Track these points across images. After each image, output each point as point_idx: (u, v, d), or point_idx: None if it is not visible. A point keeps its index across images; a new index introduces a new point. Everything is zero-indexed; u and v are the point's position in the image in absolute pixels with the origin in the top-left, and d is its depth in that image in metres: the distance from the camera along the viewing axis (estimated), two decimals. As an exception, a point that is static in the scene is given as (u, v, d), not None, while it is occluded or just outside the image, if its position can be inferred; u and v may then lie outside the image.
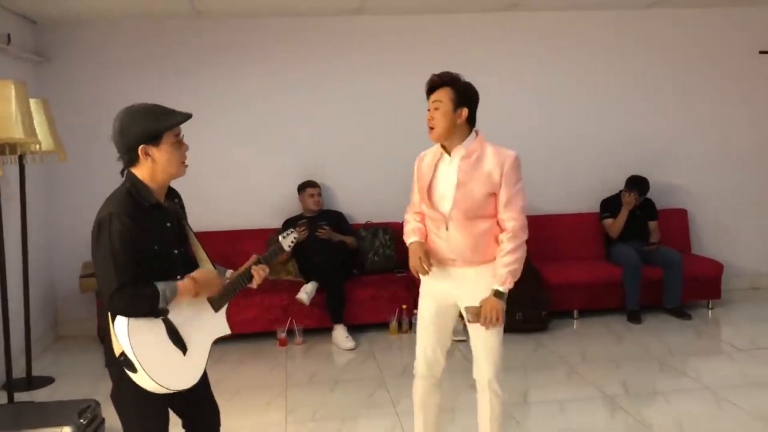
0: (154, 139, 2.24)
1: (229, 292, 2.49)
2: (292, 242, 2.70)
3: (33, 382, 4.51)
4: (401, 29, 5.96)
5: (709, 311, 5.87)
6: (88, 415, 3.47)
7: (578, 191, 6.27)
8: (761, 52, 6.33)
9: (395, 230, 5.92)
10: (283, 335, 5.28)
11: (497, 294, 2.76)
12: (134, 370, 2.22)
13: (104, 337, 2.33)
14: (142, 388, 2.25)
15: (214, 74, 5.81)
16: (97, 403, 3.59)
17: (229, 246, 5.42)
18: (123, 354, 2.22)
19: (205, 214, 5.42)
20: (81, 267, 5.40)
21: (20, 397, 4.21)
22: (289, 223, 5.59)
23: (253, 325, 5.28)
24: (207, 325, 2.44)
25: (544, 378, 4.49)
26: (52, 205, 5.54)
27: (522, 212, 2.86)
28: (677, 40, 6.28)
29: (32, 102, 4.25)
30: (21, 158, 4.38)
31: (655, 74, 6.28)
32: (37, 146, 4.26)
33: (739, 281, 6.38)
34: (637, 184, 5.85)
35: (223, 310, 2.49)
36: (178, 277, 2.33)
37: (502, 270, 2.78)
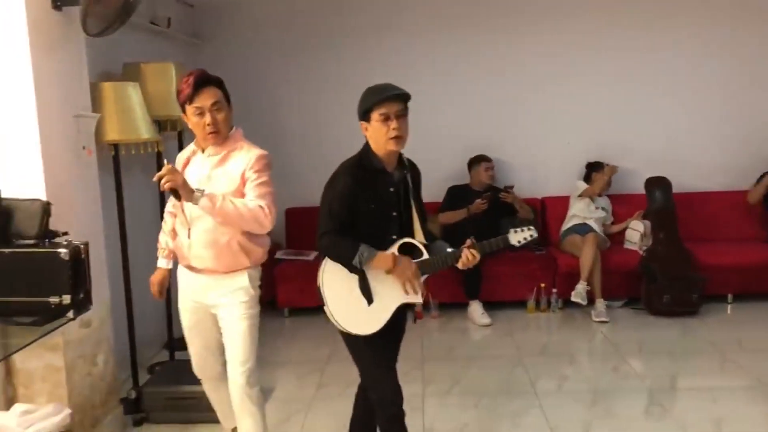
0: (365, 116, 2.51)
1: (430, 266, 2.58)
2: (522, 241, 2.66)
3: (190, 342, 4.85)
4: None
5: None
6: (240, 375, 3.69)
7: (736, 166, 5.82)
8: None
9: (538, 207, 5.81)
10: (419, 308, 5.34)
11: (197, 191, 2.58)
12: (323, 302, 2.56)
13: None
14: None
15: (369, 51, 5.85)
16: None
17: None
18: (318, 287, 2.56)
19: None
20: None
21: (180, 355, 4.55)
22: (455, 191, 5.61)
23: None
24: (398, 287, 2.55)
25: (694, 364, 4.24)
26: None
27: (268, 198, 2.66)
28: None
29: (190, 81, 4.52)
30: (180, 134, 4.68)
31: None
32: (194, 123, 4.54)
33: None
34: None
35: (420, 280, 2.57)
36: (394, 236, 2.56)
37: (219, 195, 2.60)
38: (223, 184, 2.68)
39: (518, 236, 2.65)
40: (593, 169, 5.67)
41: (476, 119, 5.90)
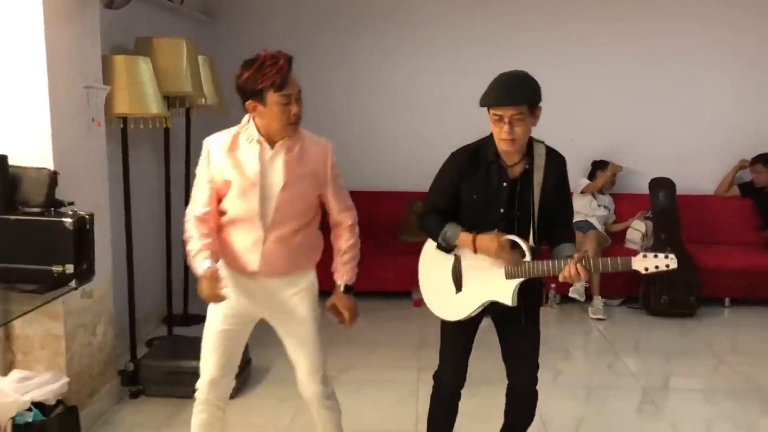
0: (487, 108, 2.41)
1: (529, 270, 2.40)
2: (652, 269, 2.20)
3: (189, 318, 4.88)
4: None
5: None
6: (237, 353, 3.72)
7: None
8: None
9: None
10: (418, 297, 5.35)
11: (347, 289, 2.52)
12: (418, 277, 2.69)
13: None
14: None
15: (386, 30, 5.87)
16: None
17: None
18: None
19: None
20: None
21: (178, 331, 4.58)
22: None
23: (388, 285, 5.33)
24: (490, 283, 2.48)
25: (688, 365, 4.27)
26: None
27: (350, 199, 2.58)
28: None
29: (200, 59, 4.52)
30: (188, 111, 4.69)
31: None
32: (203, 100, 4.55)
33: None
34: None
35: (515, 282, 2.43)
36: (496, 230, 2.44)
37: (347, 265, 2.52)
38: (308, 185, 2.44)
39: (647, 263, 2.17)
40: (599, 167, 5.67)
41: (478, 117, 5.87)
